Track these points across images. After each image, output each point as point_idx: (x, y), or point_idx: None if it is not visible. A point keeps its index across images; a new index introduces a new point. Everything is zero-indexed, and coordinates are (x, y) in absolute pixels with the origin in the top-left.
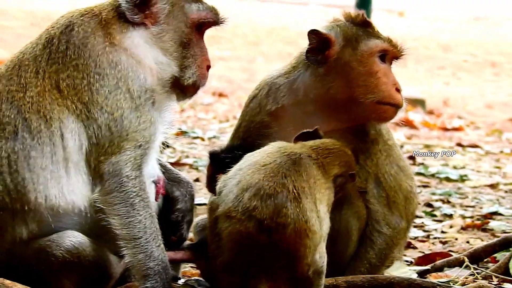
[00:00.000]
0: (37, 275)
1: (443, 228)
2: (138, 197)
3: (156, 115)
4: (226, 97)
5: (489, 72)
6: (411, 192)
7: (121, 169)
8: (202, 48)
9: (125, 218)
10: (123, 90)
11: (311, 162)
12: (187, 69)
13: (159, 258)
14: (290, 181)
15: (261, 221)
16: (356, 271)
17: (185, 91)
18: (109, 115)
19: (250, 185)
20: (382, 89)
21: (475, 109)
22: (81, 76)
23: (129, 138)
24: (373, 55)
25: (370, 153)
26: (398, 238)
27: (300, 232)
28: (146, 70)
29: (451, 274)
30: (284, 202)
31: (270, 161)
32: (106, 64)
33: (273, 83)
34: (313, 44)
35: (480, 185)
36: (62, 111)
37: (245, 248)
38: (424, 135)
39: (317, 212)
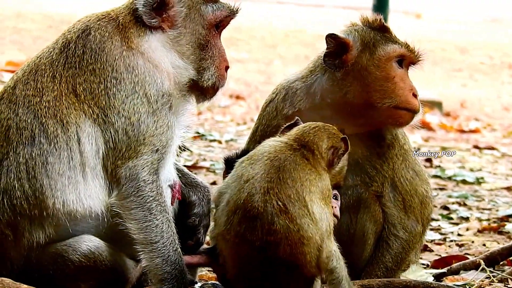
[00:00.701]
0: (53, 280)
1: (460, 231)
2: (155, 201)
3: (173, 119)
4: (243, 100)
5: (506, 74)
6: (427, 196)
7: (138, 174)
8: (219, 49)
9: (142, 222)
10: (140, 94)
11: (296, 161)
12: (206, 71)
13: (176, 262)
14: (273, 194)
15: (253, 243)
16: (372, 274)
17: (205, 92)
18: (126, 119)
19: (238, 206)
20: (399, 94)
21: (492, 111)
22: (98, 80)
23: (146, 143)
24: (390, 60)
25: (387, 157)
26: (414, 242)
27: (294, 243)
28: (163, 74)
29: (467, 277)
30: (271, 219)
31: (253, 174)
32: (123, 69)
33: (289, 87)
34: (331, 48)
35: (497, 188)
36: (79, 115)
37: (247, 266)
38: (441, 137)
39: (309, 215)
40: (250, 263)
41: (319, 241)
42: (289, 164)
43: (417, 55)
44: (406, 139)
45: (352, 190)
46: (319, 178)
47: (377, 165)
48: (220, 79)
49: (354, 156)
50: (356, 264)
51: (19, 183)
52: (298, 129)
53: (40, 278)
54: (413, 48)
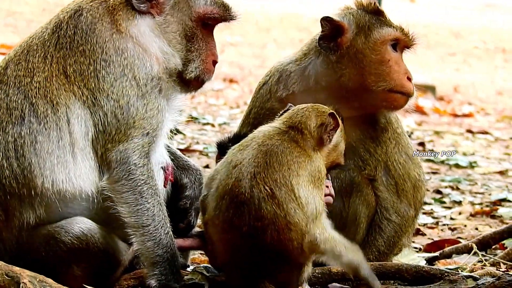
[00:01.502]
0: (46, 262)
1: (452, 215)
2: (146, 185)
3: (163, 102)
4: (236, 83)
5: (499, 58)
6: (419, 180)
7: (129, 157)
8: (208, 43)
9: (133, 206)
10: (129, 77)
11: (284, 145)
12: (190, 63)
13: (167, 246)
14: (260, 179)
15: (240, 228)
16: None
17: (188, 84)
18: (115, 103)
19: (226, 192)
20: (393, 77)
21: (486, 95)
22: (87, 62)
23: (136, 126)
24: (385, 43)
25: (380, 141)
26: (406, 226)
27: (281, 229)
28: (152, 58)
29: (459, 261)
30: (258, 204)
31: (241, 159)
32: (112, 51)
33: (284, 70)
34: (326, 31)
35: (490, 172)
36: (69, 96)
37: (236, 251)
38: (434, 122)
39: (296, 200)
40: (239, 249)
41: (305, 227)
42: (276, 148)
43: (411, 39)
44: (399, 123)
45: (344, 174)
46: (308, 160)
47: (370, 149)
48: (206, 72)
49: (348, 139)
50: None
51: (8, 162)
52: (288, 113)
53: (33, 260)
54: (408, 31)
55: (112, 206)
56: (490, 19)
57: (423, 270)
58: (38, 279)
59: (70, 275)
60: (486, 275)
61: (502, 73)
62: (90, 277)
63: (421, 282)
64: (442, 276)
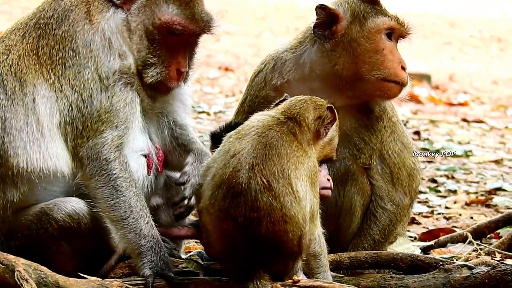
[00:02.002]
0: (36, 240)
1: (447, 204)
2: (120, 178)
3: (131, 95)
4: (232, 72)
5: (495, 48)
6: (415, 169)
7: (99, 153)
8: (174, 51)
9: (109, 200)
10: (92, 70)
11: (283, 137)
12: (151, 67)
13: (149, 235)
14: (258, 171)
15: (236, 218)
16: (359, 247)
17: (155, 87)
18: (78, 96)
19: (223, 181)
20: (387, 66)
21: (481, 84)
22: (57, 47)
23: (103, 120)
24: (380, 32)
25: (375, 129)
26: (401, 214)
27: (276, 221)
28: (116, 53)
29: (454, 250)
30: (255, 196)
31: (240, 149)
32: (80, 42)
33: (279, 58)
34: (321, 19)
35: (485, 161)
36: (37, 77)
37: (231, 241)
38: (429, 110)
39: (293, 193)
40: (234, 239)
41: (301, 221)
42: (276, 141)
43: (406, 28)
44: (395, 112)
45: (340, 163)
46: (305, 156)
47: (365, 138)
48: (168, 79)
49: (343, 128)
50: (343, 236)
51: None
52: (286, 103)
53: (23, 239)
54: (403, 21)
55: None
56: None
57: (418, 259)
58: (33, 267)
59: (61, 256)
60: (481, 264)
61: (498, 62)
62: (83, 262)
63: (416, 271)
64: (437, 265)
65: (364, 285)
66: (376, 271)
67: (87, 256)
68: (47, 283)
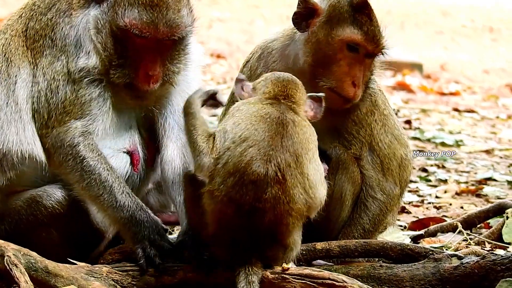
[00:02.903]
0: (27, 228)
1: (438, 193)
2: (86, 159)
3: (100, 90)
4: (224, 59)
5: (487, 37)
6: (406, 159)
7: (63, 140)
8: (141, 54)
9: (81, 182)
10: (63, 63)
11: (295, 121)
12: (118, 68)
13: (127, 204)
14: (275, 164)
15: (240, 206)
16: (349, 236)
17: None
18: (48, 85)
19: (237, 169)
20: (337, 78)
21: (472, 74)
22: (40, 33)
23: (67, 111)
24: (342, 43)
25: (363, 124)
26: (391, 204)
27: (281, 214)
28: (83, 51)
29: (444, 239)
30: (265, 187)
31: (256, 134)
32: (58, 34)
33: (266, 47)
34: (300, 9)
35: (476, 151)
36: (23, 59)
37: (230, 226)
38: (420, 99)
39: (304, 177)
40: (233, 225)
41: (305, 211)
42: (291, 128)
43: (376, 48)
44: (387, 104)
45: (331, 151)
46: (310, 131)
47: (353, 132)
48: (139, 82)
49: (331, 122)
50: (333, 225)
51: None
52: (266, 86)
53: (14, 223)
54: (377, 39)
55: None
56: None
57: (408, 248)
58: (22, 252)
59: (50, 242)
60: (471, 254)
61: (490, 52)
62: (72, 248)
63: (406, 260)
64: (426, 255)
65: (353, 274)
66: (365, 260)
67: (77, 242)
68: (37, 268)
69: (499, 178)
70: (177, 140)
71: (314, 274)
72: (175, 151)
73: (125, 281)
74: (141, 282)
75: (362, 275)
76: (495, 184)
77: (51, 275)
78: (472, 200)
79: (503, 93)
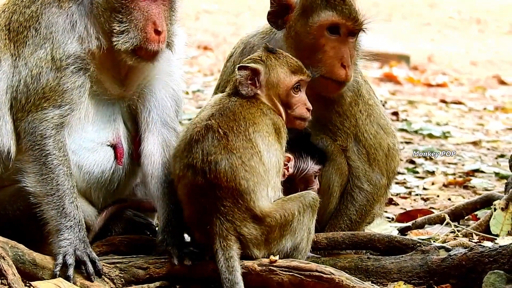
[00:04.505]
0: (13, 222)
1: (425, 185)
2: (51, 155)
3: (83, 80)
4: (211, 51)
5: (474, 29)
6: (393, 149)
7: (36, 127)
8: (144, 13)
9: (38, 175)
10: (48, 51)
11: (243, 103)
12: (123, 34)
13: (71, 215)
14: (215, 122)
15: (194, 166)
16: (336, 227)
17: (134, 53)
18: (29, 72)
19: (184, 140)
20: (325, 63)
21: (460, 66)
22: (24, 25)
23: (47, 97)
24: (322, 28)
25: (348, 115)
26: (378, 194)
27: (235, 166)
28: (75, 37)
29: (432, 231)
30: (211, 141)
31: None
32: (43, 23)
33: (248, 42)
34: (274, 8)
35: (463, 142)
36: (5, 52)
37: (194, 197)
38: (408, 91)
39: (253, 148)
40: (196, 194)
41: (262, 173)
42: (232, 103)
43: (356, 24)
44: (371, 94)
45: (318, 143)
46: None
47: (337, 123)
48: (146, 41)
49: (315, 114)
50: (321, 217)
51: None
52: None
53: (1, 217)
54: (354, 15)
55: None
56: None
57: (396, 240)
58: (10, 245)
59: (37, 236)
60: (459, 246)
61: (477, 43)
62: None
63: (393, 252)
64: (414, 246)
65: (341, 266)
66: (353, 252)
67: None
68: (24, 260)
69: (487, 170)
70: (159, 134)
71: (301, 266)
72: (155, 145)
73: (113, 273)
74: (128, 275)
75: (350, 267)
76: (483, 176)
77: (38, 268)
78: (460, 192)
79: (490, 85)
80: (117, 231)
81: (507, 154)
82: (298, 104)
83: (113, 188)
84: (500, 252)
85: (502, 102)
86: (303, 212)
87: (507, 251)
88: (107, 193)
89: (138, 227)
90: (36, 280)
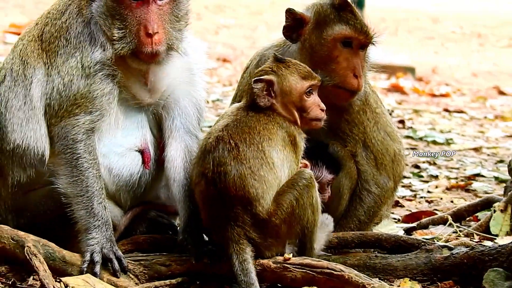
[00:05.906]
0: (45, 221)
1: (429, 188)
2: (82, 158)
3: (111, 87)
4: (229, 63)
5: (475, 42)
6: (399, 154)
7: (68, 132)
8: (137, 17)
9: (69, 177)
10: (78, 59)
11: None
12: (121, 40)
13: (99, 215)
14: (226, 134)
15: (206, 175)
16: (346, 227)
17: (138, 57)
18: (61, 80)
19: (200, 149)
20: (339, 74)
21: (462, 77)
22: (55, 35)
23: (78, 103)
24: (335, 41)
25: (356, 122)
26: (385, 196)
27: (244, 176)
28: (98, 45)
29: (435, 232)
30: (221, 152)
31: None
32: (73, 33)
33: (263, 54)
34: (289, 22)
35: (465, 148)
36: (38, 61)
37: (208, 204)
38: (413, 101)
39: (265, 159)
40: (211, 202)
41: (272, 182)
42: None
43: (367, 38)
44: (379, 103)
45: (329, 148)
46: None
47: (346, 130)
48: (141, 45)
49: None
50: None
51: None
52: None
53: (33, 217)
54: (365, 30)
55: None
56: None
57: (401, 240)
58: (41, 243)
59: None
60: (460, 245)
61: (477, 56)
62: None
63: (399, 250)
64: (419, 246)
65: (350, 263)
66: (362, 251)
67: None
68: (55, 258)
69: (487, 174)
70: (181, 141)
71: (313, 264)
72: (178, 151)
73: (137, 270)
74: (152, 271)
75: (359, 265)
76: (483, 180)
77: (68, 264)
78: (462, 194)
79: (490, 95)
80: (141, 231)
81: (506, 159)
82: (312, 106)
83: (140, 191)
84: (500, 251)
85: (501, 111)
86: (301, 197)
87: (506, 250)
88: (134, 196)
89: (161, 227)
90: (65, 276)
